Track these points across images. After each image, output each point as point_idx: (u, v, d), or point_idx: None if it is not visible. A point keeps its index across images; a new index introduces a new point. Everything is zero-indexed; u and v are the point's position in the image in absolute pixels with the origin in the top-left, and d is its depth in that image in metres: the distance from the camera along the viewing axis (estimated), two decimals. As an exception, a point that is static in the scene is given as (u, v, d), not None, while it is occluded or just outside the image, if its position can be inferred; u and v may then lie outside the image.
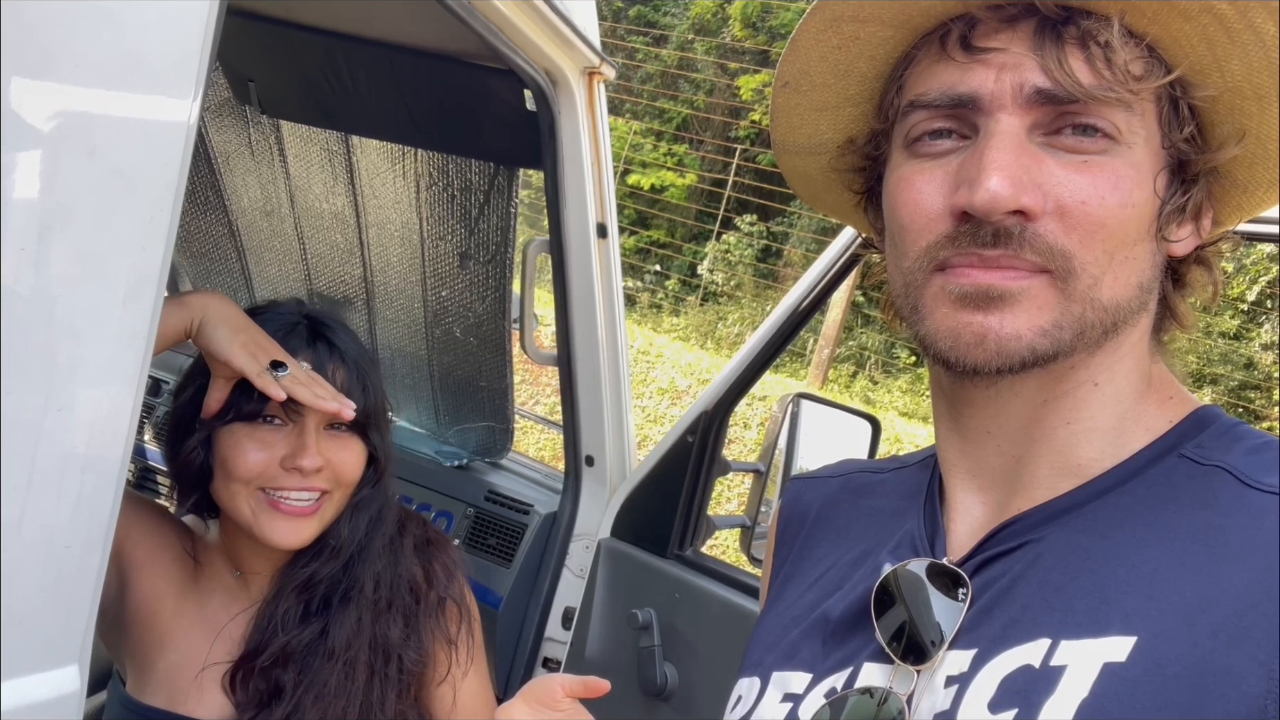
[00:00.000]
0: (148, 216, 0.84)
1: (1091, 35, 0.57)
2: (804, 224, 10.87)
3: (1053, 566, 0.60)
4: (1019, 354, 0.58)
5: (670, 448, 1.85)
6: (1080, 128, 0.58)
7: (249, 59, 1.94)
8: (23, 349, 0.76)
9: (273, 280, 2.38)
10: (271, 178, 2.18)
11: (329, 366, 1.16)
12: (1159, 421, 0.64)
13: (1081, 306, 0.59)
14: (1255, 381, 8.46)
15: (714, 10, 12.18)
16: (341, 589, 1.18)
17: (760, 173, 10.88)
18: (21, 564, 0.80)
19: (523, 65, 1.53)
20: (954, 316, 0.60)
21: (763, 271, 10.86)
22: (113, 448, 0.85)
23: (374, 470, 1.21)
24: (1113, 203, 0.58)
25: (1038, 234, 0.58)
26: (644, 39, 12.23)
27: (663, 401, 7.20)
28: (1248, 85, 0.60)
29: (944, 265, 0.60)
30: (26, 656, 0.82)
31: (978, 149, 0.59)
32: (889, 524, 0.73)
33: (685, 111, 11.86)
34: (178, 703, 1.16)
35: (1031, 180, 0.57)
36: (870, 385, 9.66)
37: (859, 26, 0.64)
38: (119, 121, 0.80)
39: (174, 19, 0.82)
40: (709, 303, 10.81)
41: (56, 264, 0.77)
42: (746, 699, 0.72)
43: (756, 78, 11.11)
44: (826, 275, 1.67)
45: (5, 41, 0.70)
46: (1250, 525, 0.56)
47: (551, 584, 1.96)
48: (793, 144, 0.74)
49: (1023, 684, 0.55)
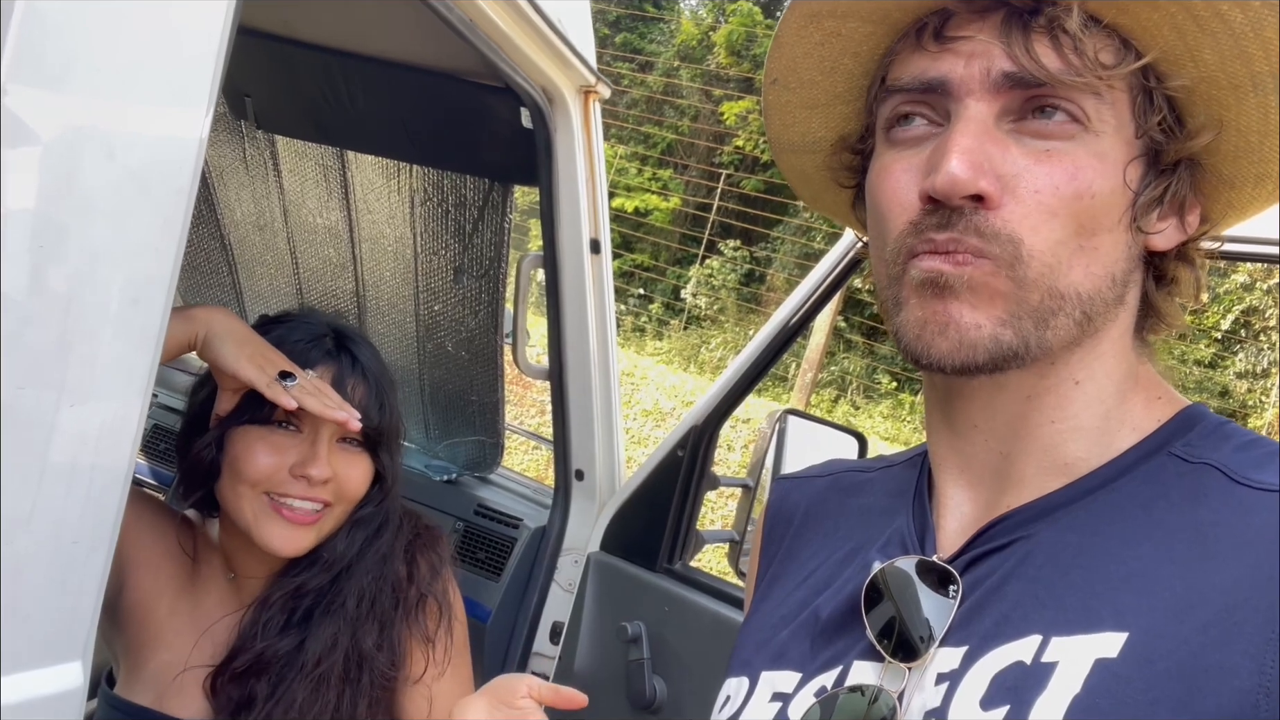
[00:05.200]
0: (161, 219, 0.85)
1: (1057, 22, 0.58)
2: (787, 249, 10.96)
3: (1043, 563, 0.60)
4: (982, 344, 0.58)
5: (660, 462, 1.86)
6: (1047, 110, 0.59)
7: (245, 74, 1.96)
8: (40, 344, 0.77)
9: (263, 294, 2.38)
10: (265, 192, 2.19)
11: (349, 381, 1.17)
12: (1147, 420, 0.64)
13: (1039, 295, 0.58)
14: (1230, 409, 8.57)
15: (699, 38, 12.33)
16: (324, 602, 1.17)
17: (744, 198, 10.97)
18: (30, 559, 0.80)
19: (521, 83, 1.56)
20: (921, 307, 0.60)
21: (746, 296, 10.92)
22: (121, 446, 0.86)
23: (379, 489, 1.21)
24: (1068, 192, 0.58)
25: (986, 218, 0.58)
26: (630, 65, 12.35)
27: (647, 423, 7.21)
28: (1222, 75, 0.59)
29: (912, 252, 0.61)
30: (31, 651, 0.83)
31: (945, 135, 0.60)
32: (878, 522, 0.73)
33: (670, 137, 11.97)
34: (164, 702, 1.15)
35: (992, 167, 0.58)
36: (852, 410, 9.71)
37: (839, 22, 0.65)
38: (137, 126, 0.82)
39: (190, 30, 0.84)
40: (692, 326, 10.86)
41: (74, 262, 0.78)
42: (735, 699, 0.71)
43: (740, 104, 11.23)
44: (817, 290, 1.70)
45: (28, 44, 0.72)
46: (1241, 522, 0.56)
47: (540, 598, 1.96)
48: (787, 142, 0.74)
49: (1014, 681, 0.55)
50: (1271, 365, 8.94)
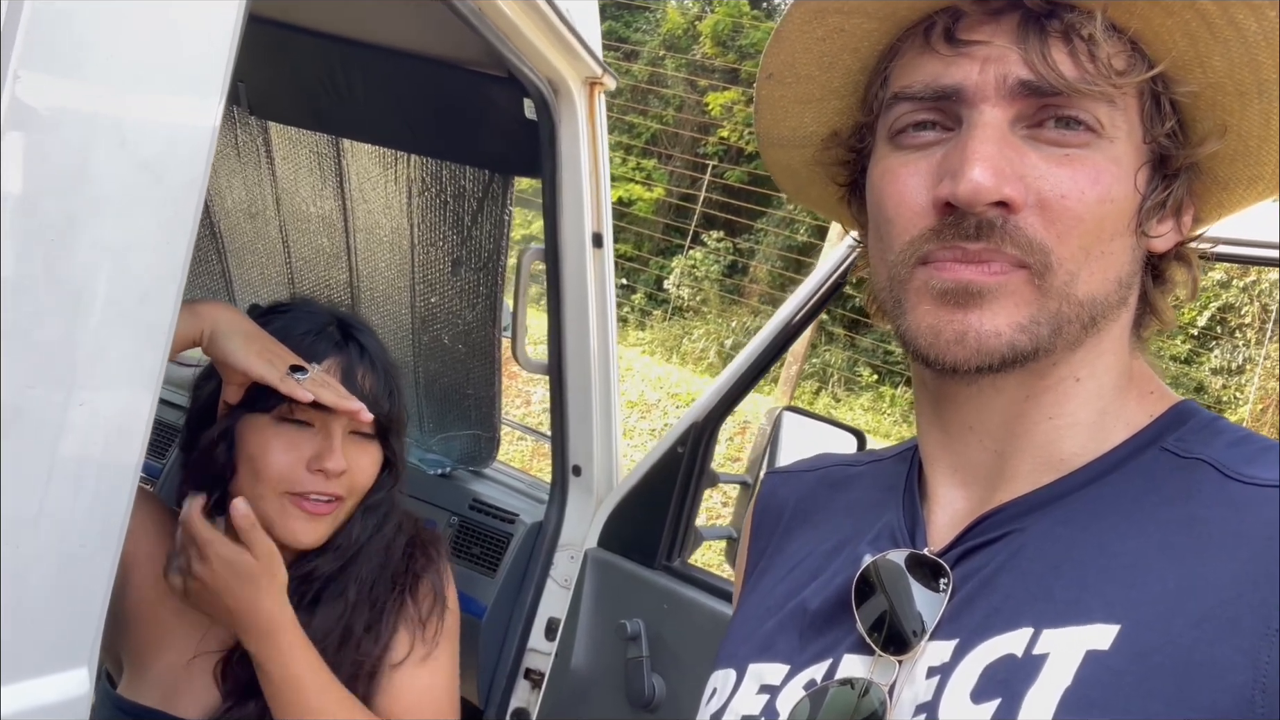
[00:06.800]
0: (172, 211, 0.83)
1: (1075, 29, 0.57)
2: (770, 241, 10.97)
3: (1035, 556, 0.60)
4: (999, 351, 0.58)
5: (660, 458, 1.85)
6: (1063, 120, 0.58)
7: (240, 60, 1.92)
8: (50, 341, 0.75)
9: (254, 283, 2.34)
10: (257, 180, 2.15)
11: (359, 370, 1.16)
12: (1139, 416, 0.64)
13: (1058, 303, 0.59)
14: (1205, 404, 8.68)
15: (684, 28, 12.30)
16: (331, 586, 1.19)
17: (728, 189, 10.97)
18: (36, 562, 0.78)
19: (526, 73, 1.53)
20: (935, 314, 0.60)
21: (729, 287, 10.94)
22: (129, 447, 0.84)
23: (389, 476, 1.20)
24: (1092, 197, 0.58)
25: (1019, 227, 0.57)
26: (615, 54, 12.30)
27: (632, 415, 7.20)
28: (1229, 81, 0.60)
29: (927, 259, 0.60)
30: (37, 658, 0.80)
31: (961, 140, 0.59)
32: (867, 516, 0.73)
33: (654, 127, 11.94)
34: (171, 702, 1.14)
35: (1014, 172, 0.57)
36: (833, 402, 9.75)
37: (844, 19, 0.64)
38: (149, 115, 0.79)
39: (202, 17, 0.81)
40: (675, 317, 10.86)
41: (83, 254, 0.76)
42: (722, 691, 0.71)
43: (726, 94, 11.21)
44: (821, 289, 1.68)
45: (39, 32, 0.69)
46: (1233, 517, 0.56)
47: (536, 594, 1.95)
48: (777, 137, 0.73)
49: (1005, 673, 0.55)
50: (1246, 362, 9.07)
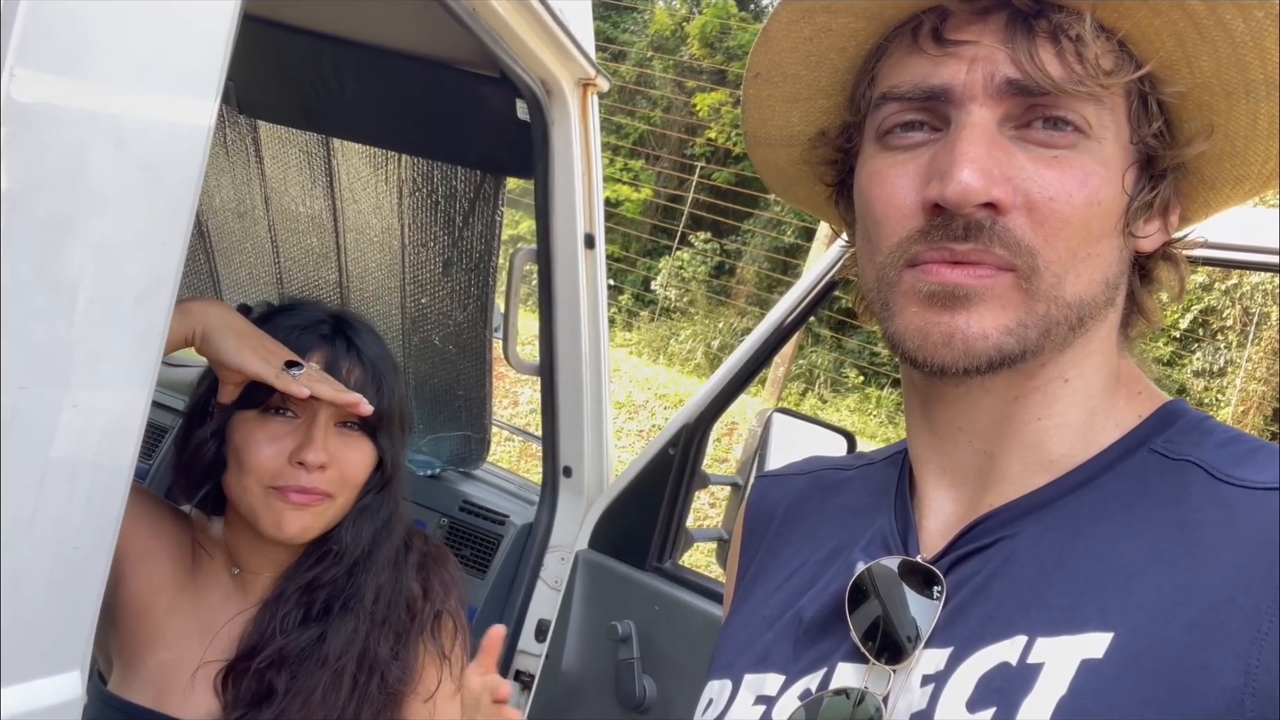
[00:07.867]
0: (168, 211, 0.82)
1: (1063, 29, 0.57)
2: (758, 242, 10.99)
3: (1027, 563, 0.59)
4: (986, 354, 0.58)
5: (651, 460, 1.85)
6: (1051, 121, 0.58)
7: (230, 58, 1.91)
8: (45, 340, 0.74)
9: (242, 283, 2.33)
10: (246, 179, 2.14)
11: (344, 364, 1.16)
12: (1128, 416, 0.64)
13: (1046, 305, 0.58)
14: (1188, 407, 8.75)
15: (672, 29, 12.31)
16: (344, 596, 1.17)
17: (715, 190, 10.98)
18: (30, 564, 0.77)
19: (519, 73, 1.53)
20: (922, 316, 0.59)
21: (716, 288, 10.95)
22: (123, 448, 0.83)
23: (380, 475, 1.20)
24: (1079, 200, 0.58)
25: (1007, 228, 0.57)
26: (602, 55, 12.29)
27: (620, 415, 7.19)
28: (1216, 81, 0.60)
29: (915, 260, 0.60)
30: (29, 661, 0.79)
31: (949, 141, 0.58)
32: (859, 521, 0.72)
33: (642, 127, 11.94)
34: (164, 701, 1.13)
35: (1002, 173, 0.57)
36: (819, 403, 9.78)
37: (830, 18, 0.63)
38: (145, 114, 0.79)
39: (199, 16, 0.81)
40: (662, 318, 10.86)
41: (78, 254, 0.75)
42: (718, 702, 0.70)
43: (713, 96, 11.23)
44: (812, 291, 1.69)
45: (35, 29, 0.68)
46: (1224, 520, 0.55)
47: (526, 596, 1.94)
48: (764, 136, 0.73)
49: (1000, 682, 0.55)
50: (1228, 364, 9.15)
